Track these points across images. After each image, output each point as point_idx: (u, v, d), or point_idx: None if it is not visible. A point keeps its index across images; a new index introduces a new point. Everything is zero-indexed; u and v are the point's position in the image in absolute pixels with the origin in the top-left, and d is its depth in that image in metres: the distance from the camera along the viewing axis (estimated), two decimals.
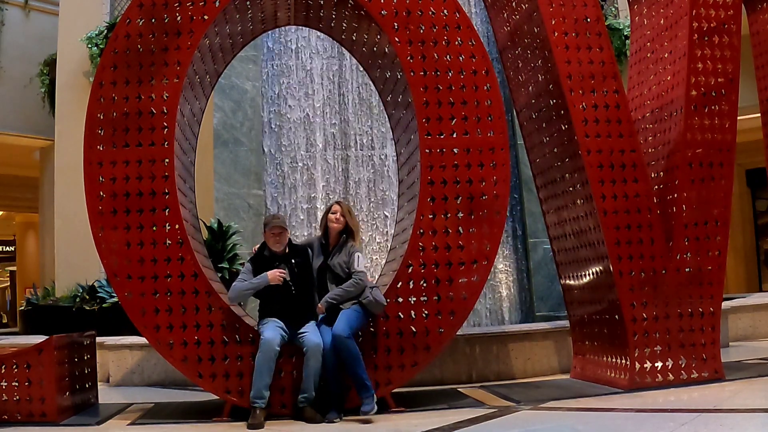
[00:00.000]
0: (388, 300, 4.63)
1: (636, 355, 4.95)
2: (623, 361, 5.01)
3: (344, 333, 4.33)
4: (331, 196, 9.11)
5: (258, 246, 4.84)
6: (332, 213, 4.73)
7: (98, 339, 5.49)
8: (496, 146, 4.82)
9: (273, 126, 9.26)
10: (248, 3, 5.11)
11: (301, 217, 8.91)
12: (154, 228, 4.53)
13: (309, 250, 4.83)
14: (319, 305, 4.55)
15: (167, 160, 4.57)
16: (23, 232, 18.17)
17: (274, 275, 4.52)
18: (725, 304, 6.37)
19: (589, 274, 5.34)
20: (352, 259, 4.60)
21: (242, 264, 7.83)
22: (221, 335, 4.52)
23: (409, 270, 4.69)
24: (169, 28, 4.67)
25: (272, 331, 4.39)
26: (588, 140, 5.10)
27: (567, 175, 5.36)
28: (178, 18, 4.68)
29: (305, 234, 8.66)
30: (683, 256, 5.15)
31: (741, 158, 7.01)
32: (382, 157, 9.24)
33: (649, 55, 5.90)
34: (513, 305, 9.29)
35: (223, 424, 4.41)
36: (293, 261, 4.70)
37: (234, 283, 4.64)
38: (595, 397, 4.79)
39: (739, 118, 5.40)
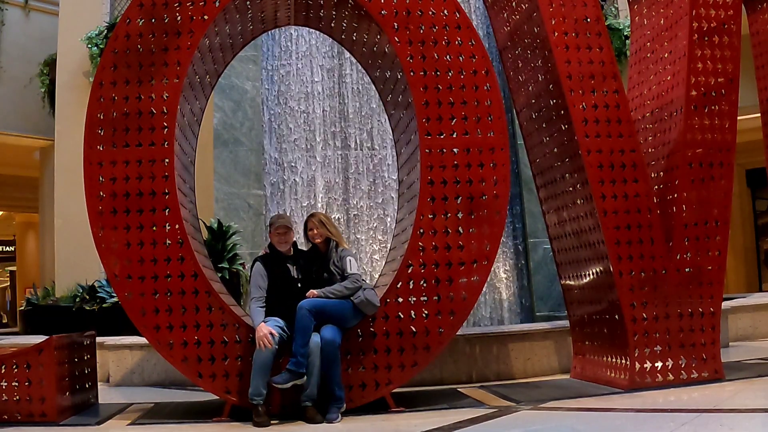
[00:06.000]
0: (389, 300, 4.64)
1: (636, 355, 4.95)
2: (623, 361, 5.01)
3: (337, 340, 4.38)
4: (331, 196, 9.12)
5: (266, 247, 4.89)
6: (309, 230, 4.79)
7: (98, 339, 5.50)
8: (496, 146, 4.82)
9: (273, 126, 9.27)
10: (248, 3, 5.11)
11: (301, 217, 8.91)
12: (154, 228, 4.53)
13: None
14: (313, 291, 4.53)
15: (167, 160, 4.57)
16: (23, 232, 18.16)
17: (260, 335, 4.34)
18: (725, 304, 6.37)
19: (589, 274, 5.34)
20: (344, 263, 4.64)
21: (242, 264, 7.88)
22: (221, 335, 4.53)
23: (409, 270, 4.69)
24: (169, 28, 4.67)
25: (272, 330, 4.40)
26: (588, 140, 5.10)
27: (567, 175, 5.36)
28: (178, 18, 4.68)
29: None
30: (683, 256, 5.15)
31: (741, 158, 7.01)
32: (382, 157, 9.24)
33: (649, 55, 5.90)
34: (513, 305, 9.29)
35: (223, 424, 4.41)
36: (300, 261, 4.77)
37: (251, 304, 4.59)
38: (595, 397, 4.79)
39: (739, 118, 5.40)
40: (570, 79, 5.15)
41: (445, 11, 4.90)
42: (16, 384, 4.45)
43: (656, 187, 5.40)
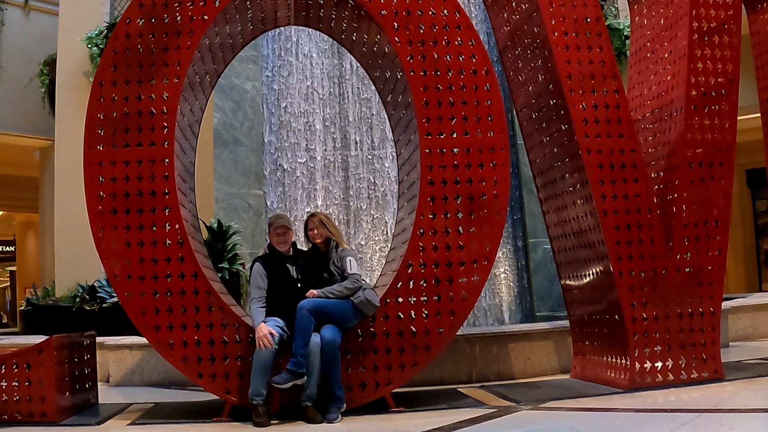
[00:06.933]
0: (388, 300, 4.64)
1: (636, 355, 4.95)
2: (623, 361, 5.01)
3: (337, 340, 4.38)
4: (331, 196, 9.12)
5: (266, 247, 4.88)
6: (310, 230, 4.79)
7: (98, 339, 5.50)
8: (496, 146, 4.82)
9: (273, 126, 9.27)
10: (248, 3, 5.11)
11: (302, 218, 8.91)
12: (154, 228, 4.53)
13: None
14: (313, 291, 4.52)
15: (167, 160, 4.57)
16: (23, 232, 18.16)
17: (260, 336, 4.36)
18: (725, 304, 6.37)
19: (589, 274, 5.34)
20: (344, 263, 4.63)
21: (242, 264, 7.88)
22: (221, 335, 4.53)
23: (409, 270, 4.69)
24: (169, 28, 4.67)
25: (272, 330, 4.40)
26: (588, 140, 5.10)
27: (567, 175, 5.36)
28: (178, 18, 4.68)
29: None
30: (683, 256, 5.15)
31: (741, 158, 7.01)
32: (382, 157, 9.24)
33: (649, 55, 5.90)
34: (513, 305, 9.29)
35: (223, 424, 4.41)
36: (300, 261, 4.77)
37: (251, 304, 4.61)
38: (595, 397, 4.79)
39: (739, 118, 5.40)
40: (570, 79, 5.15)
41: (445, 11, 4.90)
42: (16, 384, 4.45)
43: (656, 187, 5.40)
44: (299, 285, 4.66)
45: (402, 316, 4.64)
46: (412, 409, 4.59)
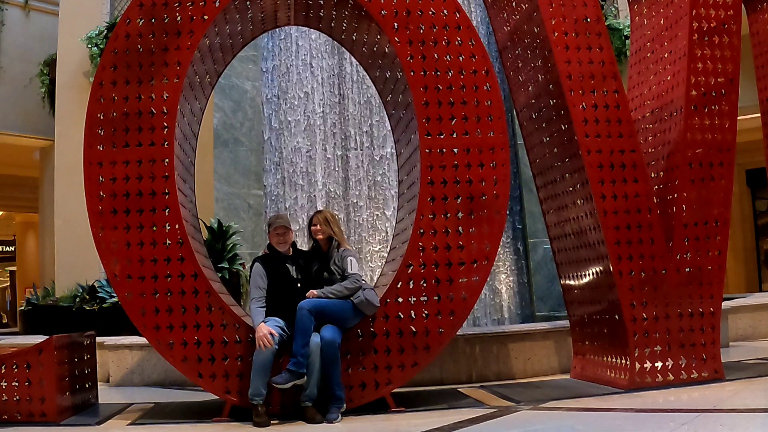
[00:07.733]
0: (388, 300, 4.64)
1: (636, 355, 4.95)
2: (623, 361, 5.01)
3: (337, 340, 4.38)
4: (331, 196, 9.12)
5: (266, 247, 4.89)
6: (313, 225, 4.79)
7: (98, 339, 5.50)
8: (496, 146, 4.82)
9: (273, 126, 9.27)
10: (248, 3, 5.11)
11: (301, 218, 8.91)
12: (154, 228, 4.53)
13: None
14: (313, 291, 4.52)
15: (167, 160, 4.57)
16: (23, 232, 18.16)
17: (260, 335, 4.36)
18: (725, 304, 6.37)
19: (589, 274, 5.34)
20: (345, 263, 4.63)
21: (242, 264, 7.88)
22: (221, 335, 4.53)
23: (409, 270, 4.69)
24: (169, 28, 4.67)
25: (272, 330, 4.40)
26: (588, 140, 5.10)
27: (567, 175, 5.36)
28: (178, 18, 4.68)
29: (304, 235, 8.68)
30: (683, 256, 5.15)
31: (741, 158, 7.01)
32: (382, 156, 9.25)
33: (649, 55, 5.91)
34: (513, 305, 9.29)
35: (223, 424, 4.41)
36: (299, 261, 4.78)
37: (251, 304, 4.62)
38: (595, 397, 4.79)
39: (739, 118, 5.40)
40: (570, 79, 5.15)
41: (445, 11, 4.90)
42: (16, 384, 4.46)
43: (656, 187, 5.40)
44: (299, 285, 4.66)
45: (402, 316, 4.64)
46: (412, 409, 4.59)
